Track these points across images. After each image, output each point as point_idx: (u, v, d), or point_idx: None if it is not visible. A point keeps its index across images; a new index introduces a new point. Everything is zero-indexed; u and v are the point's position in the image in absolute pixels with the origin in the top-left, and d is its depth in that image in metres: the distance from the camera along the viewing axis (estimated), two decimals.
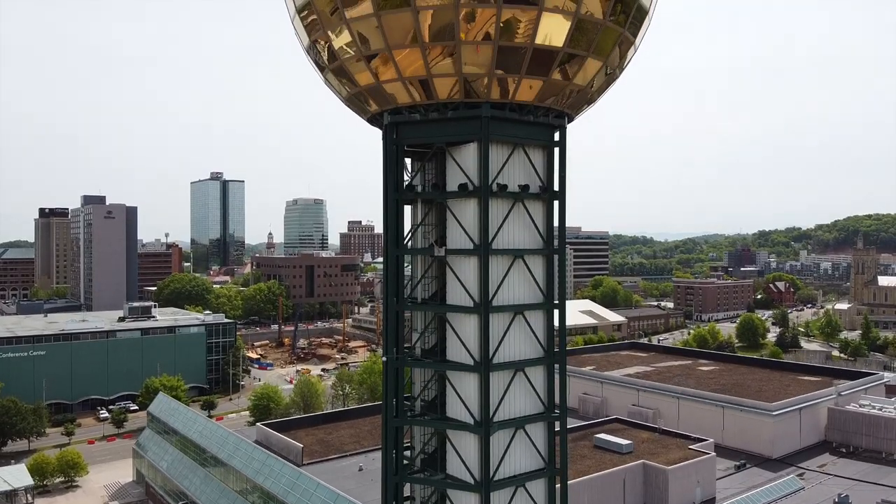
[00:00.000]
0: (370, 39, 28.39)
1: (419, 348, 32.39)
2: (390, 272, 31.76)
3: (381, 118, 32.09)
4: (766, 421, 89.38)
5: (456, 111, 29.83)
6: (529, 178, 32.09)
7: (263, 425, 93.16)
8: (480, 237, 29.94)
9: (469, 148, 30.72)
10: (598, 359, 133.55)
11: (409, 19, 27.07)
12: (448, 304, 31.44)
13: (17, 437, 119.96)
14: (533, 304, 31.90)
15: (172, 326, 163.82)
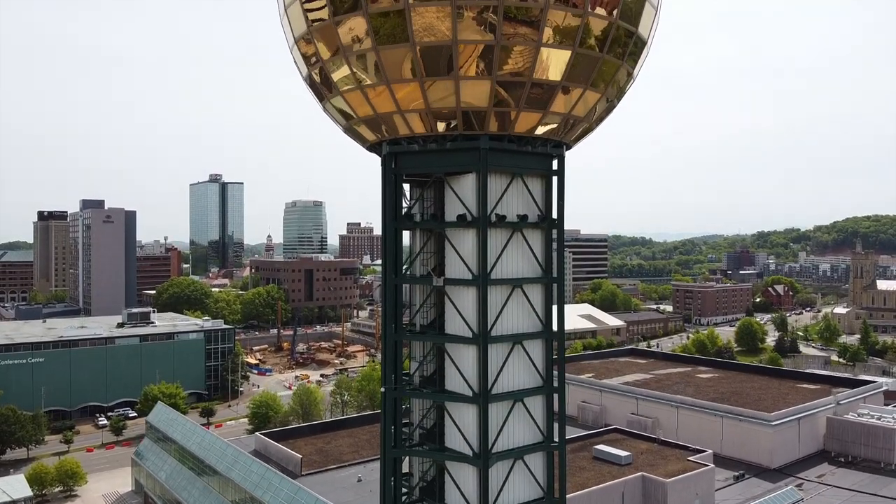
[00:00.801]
0: (369, 73, 28.41)
1: (418, 377, 32.37)
2: (388, 301, 31.75)
3: (380, 147, 32.10)
4: (765, 431, 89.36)
5: (455, 142, 29.86)
6: (528, 206, 32.09)
7: (262, 435, 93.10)
8: (479, 268, 29.95)
9: (468, 178, 30.74)
10: (597, 365, 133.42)
11: (407, 54, 27.07)
12: (447, 333, 31.43)
13: (15, 445, 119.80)
14: (532, 334, 31.92)
15: (171, 333, 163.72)
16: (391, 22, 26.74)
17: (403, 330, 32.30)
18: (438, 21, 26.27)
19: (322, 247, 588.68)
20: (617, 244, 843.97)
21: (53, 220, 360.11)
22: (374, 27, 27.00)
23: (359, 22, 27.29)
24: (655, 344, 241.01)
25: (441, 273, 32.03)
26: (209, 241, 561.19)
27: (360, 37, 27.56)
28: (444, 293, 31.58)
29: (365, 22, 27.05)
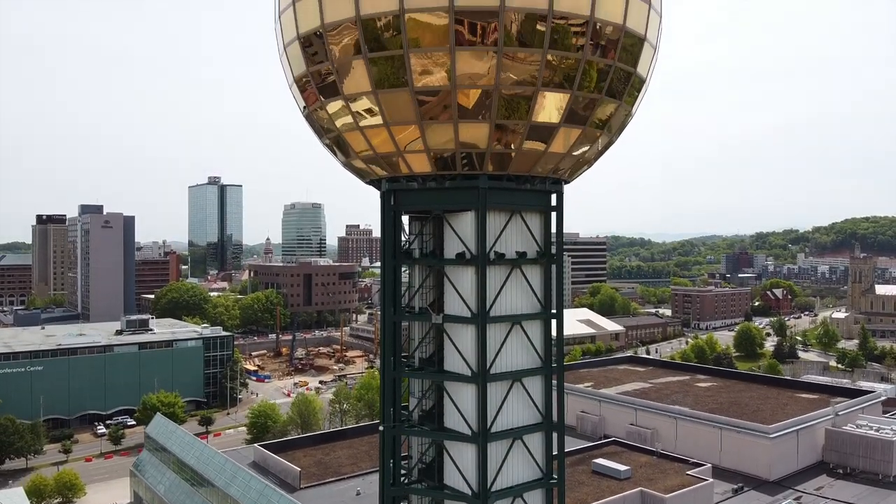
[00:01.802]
0: (368, 115, 28.48)
1: (417, 413, 32.38)
2: (387, 338, 31.77)
3: (380, 183, 32.15)
4: (763, 443, 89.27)
5: (454, 181, 29.92)
6: (527, 243, 32.14)
7: (261, 446, 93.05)
8: (478, 306, 29.97)
9: (467, 216, 30.79)
10: (596, 374, 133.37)
11: (406, 98, 27.12)
12: (445, 370, 31.45)
13: (14, 455, 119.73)
14: (531, 370, 31.96)
15: (170, 340, 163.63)
16: (390, 66, 26.78)
17: (402, 366, 32.31)
18: (437, 66, 26.31)
19: (321, 249, 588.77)
20: (616, 245, 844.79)
21: (52, 223, 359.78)
22: (373, 71, 27.03)
23: (358, 64, 27.34)
24: (654, 349, 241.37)
25: (440, 308, 32.04)
26: (208, 242, 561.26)
27: (359, 80, 27.60)
28: (442, 330, 31.59)
29: (364, 66, 27.08)
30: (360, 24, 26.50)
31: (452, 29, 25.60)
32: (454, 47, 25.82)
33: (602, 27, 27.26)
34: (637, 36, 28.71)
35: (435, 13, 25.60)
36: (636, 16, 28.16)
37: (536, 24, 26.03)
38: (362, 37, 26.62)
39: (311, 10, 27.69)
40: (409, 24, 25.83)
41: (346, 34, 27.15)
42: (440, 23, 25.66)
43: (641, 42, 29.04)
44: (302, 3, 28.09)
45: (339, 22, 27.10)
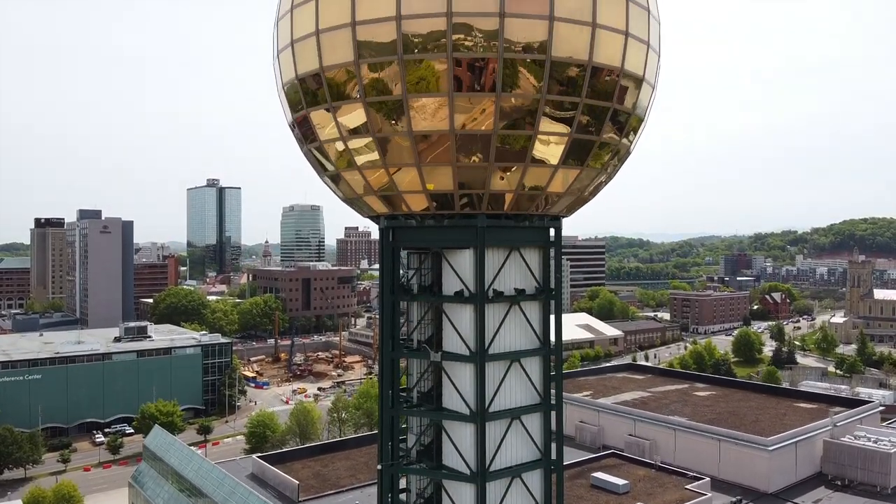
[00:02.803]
0: (368, 157, 28.53)
1: (415, 450, 32.36)
2: (385, 374, 31.77)
3: (378, 219, 32.20)
4: (762, 455, 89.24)
5: (452, 220, 29.94)
6: (525, 279, 32.18)
7: (259, 458, 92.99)
8: (476, 345, 29.97)
9: (465, 253, 30.81)
10: (595, 382, 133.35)
11: (406, 141, 27.16)
12: (444, 408, 31.44)
13: (13, 465, 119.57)
14: (530, 407, 31.97)
15: (168, 348, 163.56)
16: (389, 109, 26.83)
17: (400, 404, 32.32)
18: (436, 110, 26.35)
19: (320, 251, 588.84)
20: (615, 246, 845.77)
21: (50, 226, 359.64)
22: (372, 114, 27.07)
23: (356, 107, 27.38)
24: (653, 354, 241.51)
25: (438, 343, 32.04)
26: (207, 244, 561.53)
27: (357, 122, 27.65)
28: (441, 367, 31.60)
29: (363, 109, 27.12)
30: (358, 68, 26.52)
31: (451, 75, 25.63)
32: (453, 93, 25.85)
33: (600, 70, 27.30)
34: (635, 77, 28.76)
35: (434, 59, 25.62)
36: (634, 57, 28.21)
37: (535, 69, 26.06)
38: (360, 80, 26.63)
39: (309, 52, 27.71)
40: (408, 70, 25.86)
41: (345, 77, 27.17)
42: (439, 68, 25.68)
43: (640, 82, 29.09)
44: (301, 44, 28.10)
45: (337, 65, 27.13)
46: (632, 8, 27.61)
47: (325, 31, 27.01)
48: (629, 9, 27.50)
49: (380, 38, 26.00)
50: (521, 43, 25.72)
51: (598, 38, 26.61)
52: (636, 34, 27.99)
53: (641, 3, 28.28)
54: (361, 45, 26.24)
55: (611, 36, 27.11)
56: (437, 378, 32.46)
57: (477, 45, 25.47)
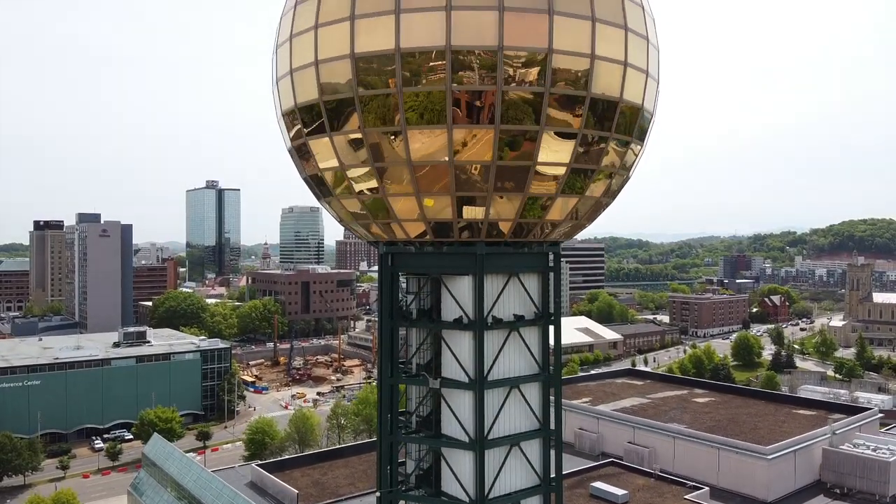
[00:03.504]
0: (366, 185, 28.60)
1: (414, 476, 32.36)
2: (384, 400, 31.78)
3: (378, 244, 32.24)
4: (761, 464, 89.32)
5: (451, 247, 29.97)
6: (524, 304, 32.20)
7: (258, 466, 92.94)
8: (476, 372, 29.99)
9: (464, 279, 30.83)
10: (595, 388, 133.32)
11: (405, 173, 27.23)
12: (443, 434, 31.45)
13: (12, 473, 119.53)
14: (529, 433, 31.99)
15: (167, 353, 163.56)
16: (388, 140, 26.88)
17: (399, 430, 32.34)
18: (435, 141, 26.40)
19: (319, 252, 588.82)
20: (614, 246, 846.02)
21: (49, 229, 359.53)
22: (371, 145, 27.12)
23: (356, 137, 27.42)
24: (652, 357, 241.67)
25: (437, 369, 32.04)
26: (206, 246, 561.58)
27: (357, 152, 27.69)
28: (440, 394, 31.61)
29: (362, 139, 27.16)
30: (357, 99, 26.55)
31: (450, 106, 25.67)
32: (451, 125, 25.89)
33: (599, 101, 27.34)
34: (635, 106, 28.81)
35: (433, 91, 25.66)
36: (633, 87, 28.25)
37: (533, 101, 26.09)
38: (359, 111, 26.67)
39: (308, 81, 27.76)
40: (407, 101, 25.90)
41: (344, 107, 27.21)
42: (438, 100, 25.72)
43: (639, 111, 29.14)
44: (300, 73, 28.12)
45: (336, 96, 27.19)
46: (630, 38, 27.64)
47: (324, 61, 27.03)
48: (628, 39, 27.53)
49: (379, 69, 26.04)
50: (520, 75, 25.77)
51: (596, 69, 26.65)
52: (635, 64, 28.03)
53: (640, 33, 28.30)
54: (360, 77, 26.26)
55: (610, 67, 27.15)
56: (437, 402, 32.46)
57: (476, 77, 25.50)
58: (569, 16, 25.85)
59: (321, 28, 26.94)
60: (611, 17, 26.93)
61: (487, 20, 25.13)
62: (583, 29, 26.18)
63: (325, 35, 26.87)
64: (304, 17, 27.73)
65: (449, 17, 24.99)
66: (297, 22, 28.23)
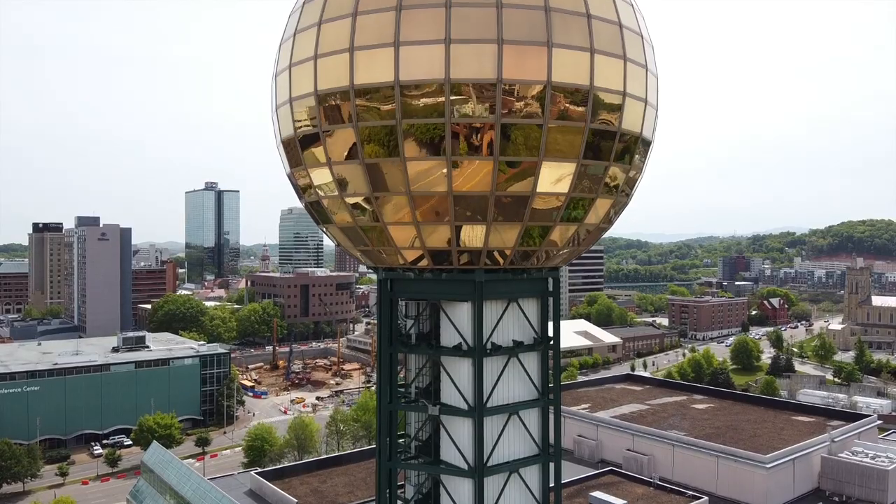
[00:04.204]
0: (366, 217, 28.63)
1: (413, 502, 32.37)
2: (383, 427, 31.79)
3: (377, 269, 32.29)
4: (760, 472, 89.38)
5: (450, 274, 29.99)
6: (523, 330, 32.22)
7: (257, 474, 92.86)
8: (475, 399, 30.01)
9: (463, 306, 30.87)
10: (594, 394, 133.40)
11: (404, 202, 27.26)
12: (442, 461, 31.47)
13: (11, 480, 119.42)
14: (529, 459, 32.02)
15: (166, 359, 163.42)
16: (387, 171, 26.92)
17: (398, 458, 32.35)
18: (434, 172, 26.45)
19: (318, 253, 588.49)
20: (613, 247, 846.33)
21: (48, 231, 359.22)
22: (370, 175, 27.16)
23: (355, 168, 27.46)
24: (651, 361, 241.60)
25: (437, 393, 32.06)
26: (205, 247, 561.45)
27: (357, 183, 27.74)
28: (439, 420, 31.63)
29: (361, 169, 27.20)
30: (357, 129, 26.59)
31: (449, 138, 25.71)
32: (450, 156, 25.93)
33: (598, 131, 27.37)
34: (633, 135, 28.86)
35: (432, 123, 25.70)
36: (632, 116, 28.32)
37: (532, 133, 26.13)
38: (359, 142, 26.71)
39: (309, 111, 27.80)
40: (406, 133, 25.94)
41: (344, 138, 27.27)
42: (437, 132, 25.77)
43: (637, 140, 29.19)
44: (299, 102, 28.15)
45: (336, 126, 27.24)
46: (629, 68, 27.69)
47: (323, 92, 27.06)
48: (626, 69, 27.57)
49: (378, 101, 26.07)
50: (519, 108, 25.80)
51: (595, 99, 26.69)
52: (634, 93, 28.08)
53: (638, 62, 28.34)
54: (360, 108, 26.30)
55: (608, 97, 27.19)
56: (436, 427, 32.49)
57: (475, 109, 25.54)
58: (567, 48, 25.90)
59: (321, 59, 27.00)
60: (609, 48, 26.97)
61: (486, 53, 25.18)
62: (581, 61, 26.23)
63: (325, 66, 26.92)
64: (304, 47, 27.78)
65: (448, 51, 25.04)
66: (296, 51, 28.27)
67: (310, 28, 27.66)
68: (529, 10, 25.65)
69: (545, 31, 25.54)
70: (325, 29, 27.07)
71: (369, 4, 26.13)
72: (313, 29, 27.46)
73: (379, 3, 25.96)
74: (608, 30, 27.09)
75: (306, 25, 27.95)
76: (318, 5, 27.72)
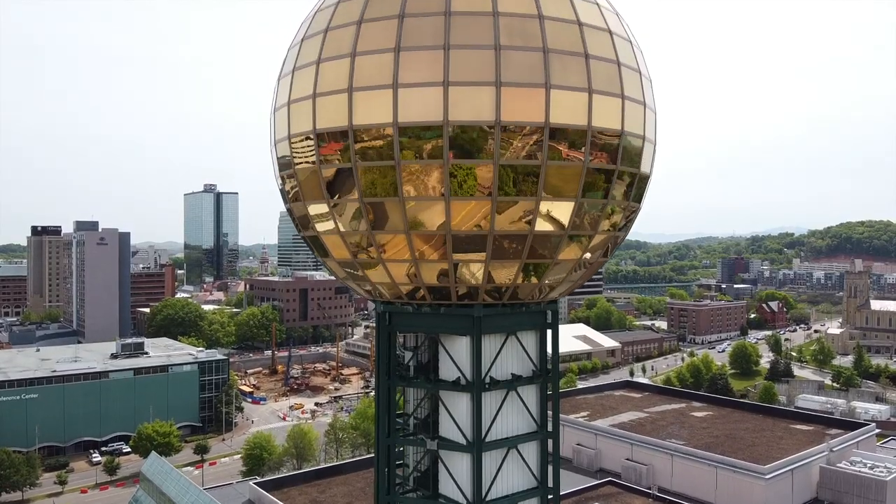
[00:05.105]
0: (364, 254, 28.68)
1: None
2: (381, 459, 31.82)
3: (376, 301, 32.36)
4: (758, 483, 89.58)
5: (449, 309, 30.05)
6: (522, 363, 32.29)
7: (256, 484, 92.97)
8: (473, 434, 30.05)
9: (462, 340, 30.88)
10: (592, 401, 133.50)
11: (403, 240, 27.34)
12: (440, 495, 31.48)
13: (10, 489, 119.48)
14: (527, 492, 32.06)
15: (165, 365, 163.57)
16: (386, 209, 27.00)
17: (396, 492, 32.38)
18: (432, 211, 26.51)
19: None
20: None
21: (47, 235, 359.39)
22: (368, 213, 27.23)
23: (353, 206, 27.54)
24: (650, 365, 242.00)
25: (435, 424, 32.10)
26: (204, 249, 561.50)
27: (354, 220, 27.82)
28: (437, 455, 31.67)
29: (359, 207, 27.27)
30: (355, 169, 26.65)
31: (447, 179, 25.76)
32: (449, 196, 25.99)
33: (596, 171, 27.44)
34: (632, 172, 28.94)
35: (431, 165, 25.77)
36: (629, 153, 28.34)
37: (531, 172, 26.17)
38: (357, 181, 26.76)
39: (307, 149, 27.86)
40: (404, 173, 26.01)
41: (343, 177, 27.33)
42: (436, 174, 25.82)
43: (635, 177, 29.28)
44: (298, 139, 28.19)
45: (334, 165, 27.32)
46: (627, 105, 27.74)
47: (322, 131, 27.12)
48: (625, 107, 27.63)
49: (376, 142, 26.12)
50: (517, 149, 25.85)
51: (593, 138, 26.75)
52: (632, 130, 28.14)
53: (636, 99, 28.40)
54: (358, 148, 26.36)
55: (606, 136, 27.26)
56: (434, 459, 32.52)
57: (473, 151, 25.60)
58: (565, 89, 25.94)
59: (319, 98, 27.02)
60: (607, 87, 27.02)
61: (484, 95, 25.22)
62: (579, 101, 26.27)
63: (323, 105, 26.94)
64: (302, 85, 27.81)
65: (446, 93, 25.08)
66: (294, 88, 28.30)
67: (308, 66, 27.70)
68: (528, 51, 25.68)
69: (543, 72, 25.59)
70: (323, 68, 27.10)
71: (368, 45, 26.16)
72: (312, 67, 27.49)
73: (378, 44, 25.99)
74: (606, 69, 27.13)
75: (305, 63, 27.99)
76: (316, 42, 27.76)
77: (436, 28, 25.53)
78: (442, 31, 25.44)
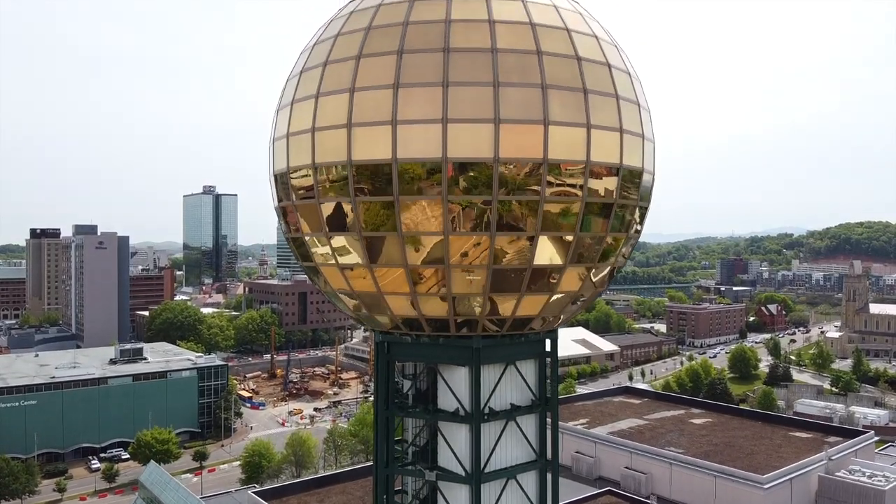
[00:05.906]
0: (362, 283, 28.72)
1: None
2: (380, 490, 31.85)
3: (375, 332, 32.41)
4: (757, 493, 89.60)
5: (447, 340, 30.07)
6: (521, 392, 32.31)
7: (254, 493, 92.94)
8: (472, 465, 30.07)
9: (461, 371, 30.90)
10: (591, 408, 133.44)
11: (402, 274, 27.36)
12: None
13: (8, 497, 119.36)
14: None
15: (164, 371, 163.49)
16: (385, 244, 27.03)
17: None
18: (431, 245, 26.54)
19: None
20: None
21: (46, 237, 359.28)
22: (367, 248, 27.25)
23: (353, 239, 27.57)
24: (649, 369, 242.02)
25: (434, 453, 32.13)
26: (203, 251, 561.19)
27: (353, 253, 27.84)
28: (435, 486, 31.70)
29: (358, 241, 27.30)
30: (354, 203, 26.67)
31: (447, 216, 25.80)
32: (448, 232, 26.03)
33: (595, 204, 27.51)
34: (629, 203, 28.98)
35: (430, 200, 25.80)
36: (628, 185, 28.38)
37: (530, 208, 26.22)
38: (357, 215, 26.79)
39: (305, 182, 27.90)
40: (403, 208, 26.03)
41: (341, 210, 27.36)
42: (435, 209, 25.85)
43: (633, 207, 29.33)
44: (297, 173, 28.22)
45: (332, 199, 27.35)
46: (626, 139, 27.78)
47: (321, 165, 27.14)
48: (623, 140, 27.66)
49: (376, 177, 26.13)
50: (516, 184, 25.88)
51: (592, 173, 26.79)
52: (630, 164, 28.18)
53: (635, 132, 28.43)
54: (358, 182, 26.38)
55: (604, 170, 27.31)
56: (433, 489, 32.56)
57: (472, 187, 25.63)
58: (564, 125, 25.97)
59: (318, 132, 27.04)
60: (605, 122, 27.05)
61: (483, 132, 25.24)
62: (577, 136, 26.31)
63: (322, 139, 26.95)
64: (301, 118, 27.83)
65: (445, 130, 25.10)
66: (293, 121, 28.32)
67: (307, 99, 27.70)
68: (526, 87, 25.72)
69: (541, 108, 25.62)
70: (322, 102, 27.12)
71: (367, 81, 26.18)
72: (311, 100, 27.50)
73: (377, 80, 26.01)
74: (604, 103, 27.16)
75: (304, 96, 28.00)
76: (315, 76, 27.77)
77: (435, 64, 25.55)
78: (441, 67, 25.46)
